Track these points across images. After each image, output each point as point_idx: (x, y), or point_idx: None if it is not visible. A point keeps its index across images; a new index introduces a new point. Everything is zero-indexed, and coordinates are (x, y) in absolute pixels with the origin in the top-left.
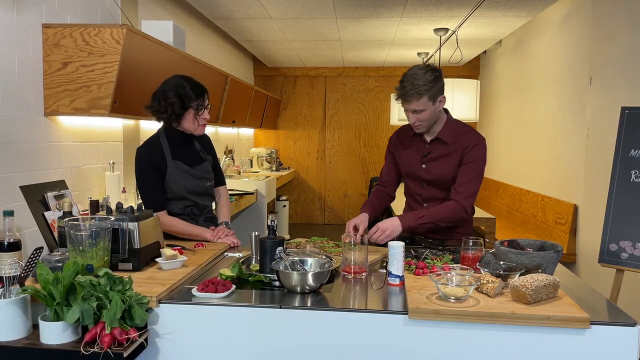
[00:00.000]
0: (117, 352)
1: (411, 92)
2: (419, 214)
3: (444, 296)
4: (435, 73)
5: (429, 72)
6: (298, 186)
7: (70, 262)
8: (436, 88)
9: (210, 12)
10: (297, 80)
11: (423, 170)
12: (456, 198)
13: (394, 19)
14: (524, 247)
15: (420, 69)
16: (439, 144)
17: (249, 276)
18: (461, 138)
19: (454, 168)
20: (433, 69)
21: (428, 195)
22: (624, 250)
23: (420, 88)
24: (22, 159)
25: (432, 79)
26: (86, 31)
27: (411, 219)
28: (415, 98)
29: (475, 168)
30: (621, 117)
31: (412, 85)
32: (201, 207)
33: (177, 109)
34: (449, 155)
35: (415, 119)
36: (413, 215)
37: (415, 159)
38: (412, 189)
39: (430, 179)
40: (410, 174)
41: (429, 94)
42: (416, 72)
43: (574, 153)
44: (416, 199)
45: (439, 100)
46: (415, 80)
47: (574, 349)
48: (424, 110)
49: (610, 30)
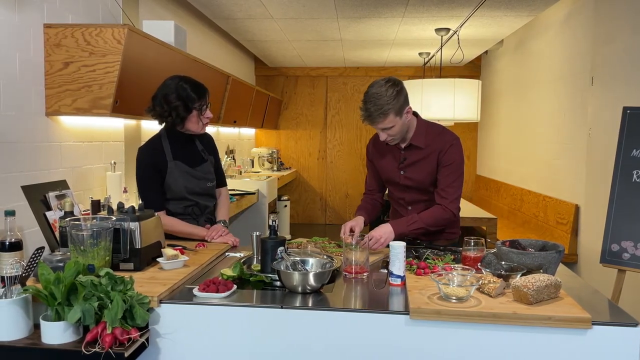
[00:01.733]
0: (119, 352)
1: (376, 113)
2: (411, 219)
3: (446, 296)
4: (396, 88)
5: (389, 88)
6: (299, 186)
7: (72, 262)
8: (400, 102)
9: (212, 12)
10: (299, 80)
11: (402, 176)
12: (442, 203)
13: (395, 19)
14: (525, 247)
15: (380, 86)
16: (413, 149)
17: (250, 276)
18: (435, 140)
19: (431, 171)
20: (393, 83)
21: (411, 199)
22: (625, 250)
23: (384, 107)
24: (24, 159)
25: (394, 94)
26: (87, 31)
27: (403, 225)
28: (382, 118)
29: (455, 170)
30: (623, 117)
31: (376, 105)
32: (202, 207)
33: (181, 112)
34: (425, 159)
35: (386, 136)
36: (405, 222)
37: (393, 166)
38: (395, 194)
39: (410, 184)
40: (390, 181)
41: (394, 111)
42: (377, 90)
43: (575, 153)
44: (400, 202)
45: (406, 112)
46: (378, 100)
47: (576, 349)
48: (393, 126)
49: (611, 30)
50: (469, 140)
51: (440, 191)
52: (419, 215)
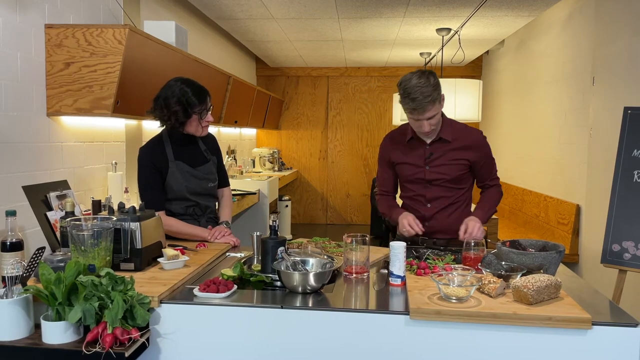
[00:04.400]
0: (119, 352)
1: (425, 101)
2: (484, 205)
3: (446, 296)
4: (435, 77)
5: (430, 77)
6: (300, 186)
7: (72, 262)
8: (440, 91)
9: (213, 13)
10: (300, 80)
11: (427, 172)
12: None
13: (397, 19)
14: (525, 248)
15: (419, 77)
16: (441, 143)
17: (250, 276)
18: (461, 135)
19: (458, 165)
20: (430, 72)
21: (432, 195)
22: (626, 250)
23: (432, 95)
24: (25, 159)
25: (436, 83)
26: (89, 31)
27: (483, 212)
28: (431, 105)
29: (493, 160)
30: (624, 117)
31: (423, 94)
32: (203, 208)
33: (181, 117)
34: (452, 154)
35: (429, 126)
36: (482, 208)
37: (418, 162)
38: (415, 191)
39: (435, 179)
40: (411, 178)
41: (439, 99)
42: (419, 81)
43: (576, 153)
44: (419, 200)
45: (442, 100)
46: (424, 90)
47: (576, 350)
48: (436, 114)
49: (613, 30)
50: None
51: (490, 181)
52: (487, 199)
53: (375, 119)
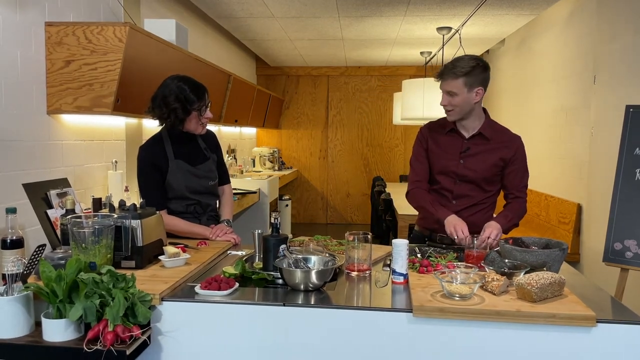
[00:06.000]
0: (120, 350)
1: (448, 70)
2: (506, 215)
3: (449, 294)
4: (479, 62)
5: (472, 60)
6: (300, 186)
7: (73, 260)
8: (475, 75)
9: (213, 11)
10: (300, 79)
11: (460, 166)
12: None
13: (397, 18)
14: (529, 245)
15: (467, 55)
16: (480, 139)
17: (252, 274)
18: (500, 136)
19: (492, 165)
20: (479, 59)
21: (459, 192)
22: (628, 249)
23: (458, 69)
24: (25, 157)
25: (474, 65)
26: (89, 29)
27: (504, 221)
28: (451, 78)
29: (526, 171)
30: (626, 116)
31: (453, 65)
32: (204, 206)
33: (180, 114)
34: (488, 152)
35: (447, 102)
36: (504, 217)
37: (452, 154)
38: (443, 185)
39: (467, 174)
40: (444, 170)
41: (465, 78)
42: (462, 57)
43: (577, 152)
44: (445, 195)
45: (476, 91)
46: (457, 62)
47: (580, 347)
48: (458, 94)
49: (614, 29)
50: None
51: (516, 191)
52: (511, 210)
53: (375, 119)
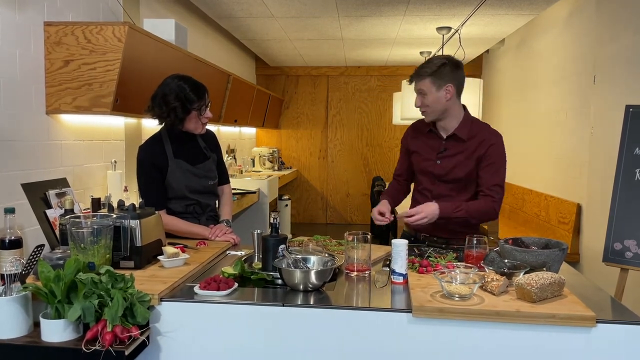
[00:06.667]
0: (119, 350)
1: (417, 72)
2: (458, 206)
3: (448, 294)
4: (446, 61)
5: (442, 59)
6: (300, 186)
7: (72, 260)
8: (442, 74)
9: (213, 11)
10: (300, 79)
11: (437, 166)
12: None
13: (397, 18)
14: (528, 245)
15: (439, 56)
16: (455, 140)
17: (251, 274)
18: (477, 136)
19: (468, 166)
20: (449, 58)
21: (438, 192)
22: (628, 249)
23: (424, 69)
24: (24, 157)
25: (440, 64)
26: (88, 29)
27: (449, 208)
28: (417, 78)
29: (500, 169)
30: (625, 116)
31: (421, 66)
32: (204, 206)
33: (180, 113)
34: (465, 153)
35: (420, 102)
36: (451, 206)
37: (430, 154)
38: (423, 185)
39: (443, 175)
40: (423, 170)
41: (432, 77)
42: (433, 57)
43: (577, 152)
44: (425, 194)
45: (445, 89)
46: (426, 63)
47: (580, 348)
48: (427, 94)
49: (614, 29)
50: None
51: (486, 189)
52: (467, 203)
53: (375, 118)
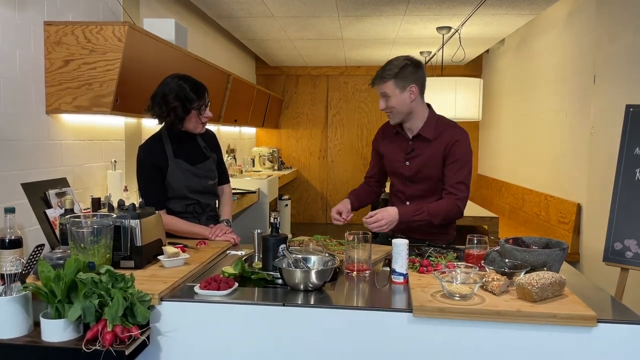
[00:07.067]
0: (119, 350)
1: (378, 75)
2: (418, 209)
3: (449, 294)
4: (408, 62)
5: (403, 60)
6: (300, 185)
7: (72, 260)
8: (405, 75)
9: (213, 11)
10: (300, 79)
11: (406, 167)
12: (451, 198)
13: (397, 17)
14: (529, 245)
15: (399, 57)
16: (421, 141)
17: (251, 274)
18: (443, 134)
19: (437, 165)
20: (408, 58)
21: (410, 193)
22: (628, 249)
23: (386, 72)
24: (24, 156)
25: (402, 66)
26: (88, 29)
27: (410, 211)
28: (380, 82)
29: (464, 165)
30: (625, 115)
31: (382, 69)
32: (204, 206)
33: (180, 113)
34: (431, 153)
35: (384, 105)
36: (412, 209)
37: (399, 155)
38: (396, 187)
39: (413, 176)
40: (393, 172)
41: (395, 80)
42: (393, 59)
43: (577, 152)
44: (399, 196)
45: (409, 89)
46: (387, 65)
47: (581, 347)
48: (391, 96)
49: (614, 28)
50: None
51: (449, 187)
52: (427, 205)
53: (375, 118)
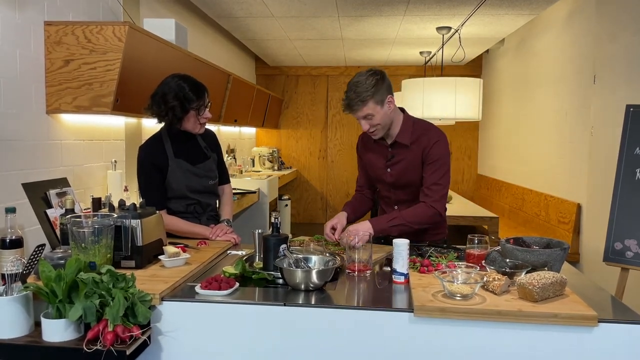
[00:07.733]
0: (120, 350)
1: (355, 100)
2: (391, 216)
3: (450, 294)
4: (376, 76)
5: (370, 76)
6: (300, 185)
7: (73, 259)
8: (381, 90)
9: (213, 11)
10: (299, 79)
11: (388, 174)
12: (426, 201)
13: (397, 18)
14: (530, 245)
15: (361, 75)
16: (399, 147)
17: (252, 274)
18: (420, 138)
19: (417, 169)
20: (374, 72)
21: (397, 198)
22: (628, 249)
23: (362, 95)
24: (24, 156)
25: (374, 83)
26: (88, 29)
27: (383, 221)
28: (361, 105)
29: (440, 167)
30: (626, 115)
31: (356, 93)
32: (204, 206)
33: (178, 112)
34: (411, 157)
35: (368, 126)
36: (385, 218)
37: (380, 163)
38: (382, 192)
39: (395, 182)
40: (377, 179)
41: (374, 99)
42: (357, 79)
43: (577, 152)
44: (387, 201)
45: (387, 101)
46: (357, 88)
47: (582, 347)
48: (374, 115)
49: (613, 28)
50: (470, 139)
51: (425, 189)
52: (401, 212)
53: None
